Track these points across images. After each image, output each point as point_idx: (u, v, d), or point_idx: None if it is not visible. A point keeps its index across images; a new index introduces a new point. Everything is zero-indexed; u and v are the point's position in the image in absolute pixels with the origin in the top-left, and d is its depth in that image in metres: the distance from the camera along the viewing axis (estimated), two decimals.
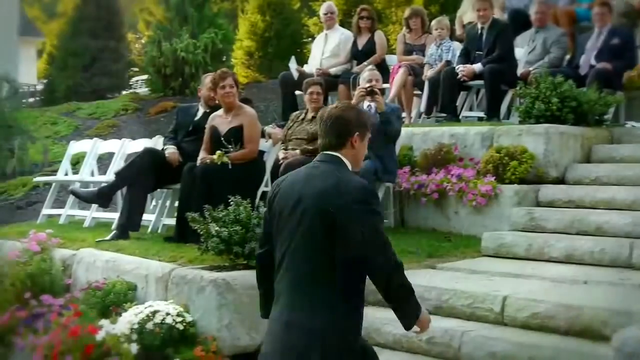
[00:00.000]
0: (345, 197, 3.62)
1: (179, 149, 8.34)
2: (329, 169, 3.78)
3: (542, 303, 5.21)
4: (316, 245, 3.63)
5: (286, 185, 3.85)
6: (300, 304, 3.63)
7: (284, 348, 3.64)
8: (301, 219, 3.66)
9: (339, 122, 3.88)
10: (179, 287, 6.06)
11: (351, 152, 3.87)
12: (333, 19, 11.75)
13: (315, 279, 3.63)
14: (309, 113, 9.14)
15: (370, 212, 3.66)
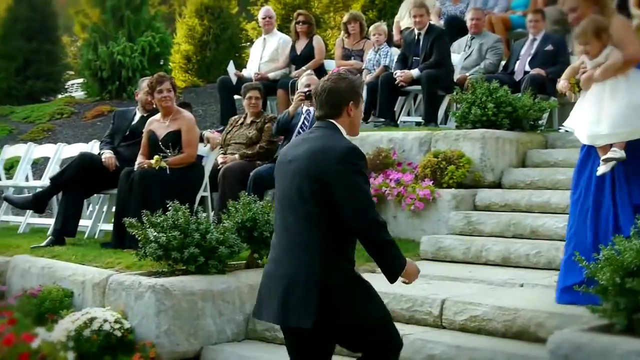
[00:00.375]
0: (331, 158, 3.89)
1: (116, 153, 8.25)
2: (321, 134, 4.06)
3: (479, 306, 5.27)
4: (304, 203, 3.90)
5: (283, 152, 4.22)
6: (287, 257, 3.95)
7: (267, 295, 4.00)
8: (292, 179, 3.97)
9: (333, 93, 4.09)
10: (117, 293, 5.99)
11: (347, 120, 4.12)
12: (271, 24, 11.76)
13: (302, 235, 3.91)
14: (247, 117, 9.14)
15: (354, 172, 3.89)
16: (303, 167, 3.95)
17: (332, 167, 3.87)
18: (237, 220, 6.17)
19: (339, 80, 4.13)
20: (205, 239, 5.92)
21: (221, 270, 6.07)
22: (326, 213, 3.88)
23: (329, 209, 3.87)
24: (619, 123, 4.98)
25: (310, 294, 3.82)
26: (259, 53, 11.59)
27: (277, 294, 3.92)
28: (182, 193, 7.16)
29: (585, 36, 4.98)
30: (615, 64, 4.97)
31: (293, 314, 3.86)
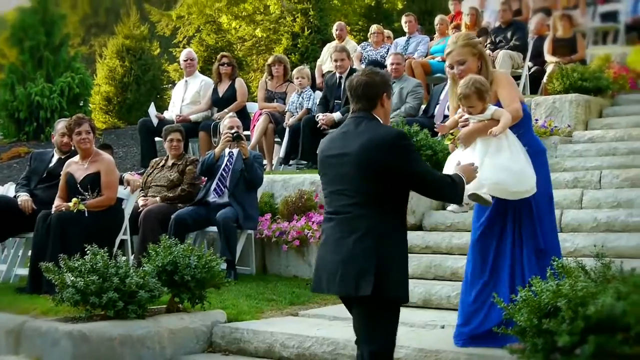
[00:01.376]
0: (387, 145, 4.26)
1: (33, 196, 8.09)
2: (367, 126, 4.37)
3: (402, 348, 5.27)
4: (363, 189, 4.28)
5: (326, 146, 4.52)
6: (350, 233, 4.28)
7: (333, 270, 4.31)
8: (350, 169, 4.31)
9: (369, 86, 4.42)
10: (32, 340, 5.82)
11: (382, 110, 4.48)
12: (193, 66, 11.74)
13: (362, 217, 4.28)
14: (169, 160, 9.07)
15: (412, 152, 4.35)
16: (362, 157, 4.28)
17: (392, 153, 4.26)
18: (157, 263, 6.08)
19: (373, 75, 4.48)
20: (124, 283, 5.81)
21: (141, 315, 5.96)
22: (384, 195, 4.28)
23: (387, 191, 4.28)
24: (496, 184, 5.07)
25: (368, 266, 4.20)
26: (181, 95, 11.55)
27: (345, 269, 4.25)
28: (101, 236, 7.06)
29: (469, 99, 5.10)
30: (508, 122, 5.10)
31: (353, 283, 4.23)
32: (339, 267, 4.27)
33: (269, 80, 11.44)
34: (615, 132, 9.61)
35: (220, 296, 6.90)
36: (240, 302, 6.95)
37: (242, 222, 8.18)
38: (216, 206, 8.32)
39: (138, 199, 8.55)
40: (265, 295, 7.32)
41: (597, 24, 15.01)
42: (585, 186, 8.32)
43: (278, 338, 5.81)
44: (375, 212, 4.27)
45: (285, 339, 5.78)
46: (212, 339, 6.19)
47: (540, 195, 5.28)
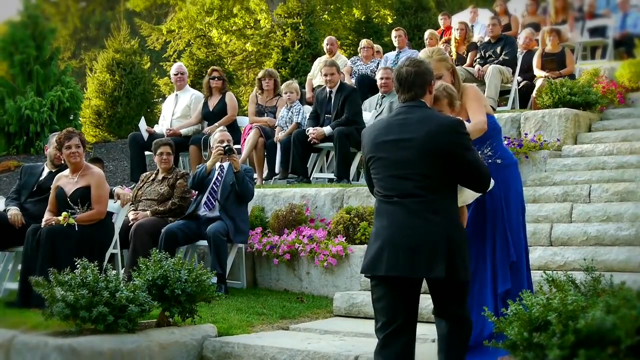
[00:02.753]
0: (447, 132, 4.49)
1: (23, 209, 8.07)
2: (424, 113, 4.60)
3: None
4: (427, 173, 4.46)
5: (380, 133, 4.63)
6: (418, 214, 4.44)
7: (394, 252, 4.43)
8: (412, 153, 4.47)
9: (419, 75, 4.66)
10: (22, 354, 5.78)
11: (429, 97, 4.74)
12: (183, 80, 11.76)
13: (426, 201, 4.45)
14: (159, 173, 9.06)
15: (469, 140, 4.60)
16: (430, 143, 4.46)
17: (456, 139, 4.49)
18: (147, 277, 6.07)
19: (419, 63, 4.72)
20: (114, 297, 5.79)
21: (131, 329, 5.93)
22: (446, 180, 4.50)
23: (448, 176, 4.49)
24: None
25: (441, 248, 4.37)
26: (171, 109, 11.55)
27: (410, 246, 4.40)
28: (91, 250, 7.06)
29: (440, 103, 5.14)
30: (475, 131, 5.20)
31: (425, 266, 4.38)
32: (409, 249, 4.40)
33: (260, 94, 11.46)
34: (604, 146, 9.66)
35: (210, 310, 6.89)
36: (231, 316, 6.95)
37: (232, 236, 8.18)
38: (206, 220, 8.32)
39: (128, 213, 8.54)
40: (255, 309, 7.32)
41: (586, 38, 15.11)
42: (575, 200, 8.35)
43: (269, 352, 5.80)
44: (441, 197, 4.48)
45: (276, 352, 5.78)
46: (203, 353, 6.18)
47: (513, 208, 5.37)
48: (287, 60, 18.75)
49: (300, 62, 18.48)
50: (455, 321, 4.59)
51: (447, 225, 4.44)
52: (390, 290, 4.50)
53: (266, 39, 23.19)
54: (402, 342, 4.50)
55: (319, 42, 17.94)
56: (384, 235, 4.50)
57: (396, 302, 4.50)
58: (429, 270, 4.39)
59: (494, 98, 11.67)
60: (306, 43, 19.11)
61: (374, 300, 4.59)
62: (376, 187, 4.64)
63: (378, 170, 4.62)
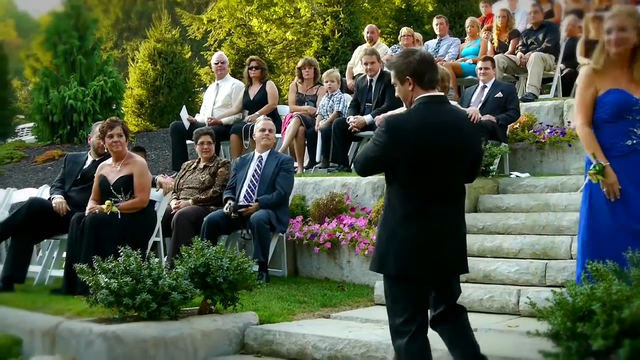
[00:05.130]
0: (477, 130, 4.81)
1: (67, 198, 8.16)
2: (456, 109, 4.73)
3: (434, 351, 5.22)
4: (461, 167, 4.57)
5: (430, 133, 4.45)
6: (452, 216, 4.59)
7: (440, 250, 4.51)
8: (457, 146, 4.49)
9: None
10: (67, 340, 5.86)
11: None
12: (224, 69, 11.79)
13: (456, 195, 4.62)
14: (200, 162, 9.12)
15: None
16: (467, 144, 4.56)
17: (478, 135, 4.73)
18: (190, 265, 6.12)
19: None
20: (157, 284, 5.84)
21: (174, 317, 5.99)
22: (463, 173, 4.62)
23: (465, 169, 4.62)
24: None
25: (465, 246, 4.67)
26: (212, 98, 11.60)
27: (453, 247, 4.58)
28: (134, 238, 7.11)
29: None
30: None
31: (461, 264, 4.65)
32: (456, 250, 4.59)
33: (300, 83, 11.46)
34: None
35: (252, 298, 6.93)
36: (272, 304, 6.97)
37: (275, 224, 8.20)
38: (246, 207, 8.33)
39: (170, 201, 8.61)
40: (296, 297, 7.34)
41: None
42: None
43: (310, 340, 5.82)
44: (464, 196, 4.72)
45: (317, 341, 5.79)
46: (245, 341, 6.22)
47: None
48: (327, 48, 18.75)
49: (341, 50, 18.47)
50: (461, 307, 4.82)
51: (463, 223, 4.74)
52: (425, 289, 4.59)
53: (306, 28, 23.17)
54: (426, 333, 4.59)
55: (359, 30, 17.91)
56: (430, 238, 4.49)
57: (426, 299, 4.62)
58: (462, 268, 4.66)
59: (537, 86, 11.55)
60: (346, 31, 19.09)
61: (412, 298, 4.53)
62: (407, 187, 4.47)
63: (425, 171, 4.45)
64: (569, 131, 9.66)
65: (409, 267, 4.47)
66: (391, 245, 4.48)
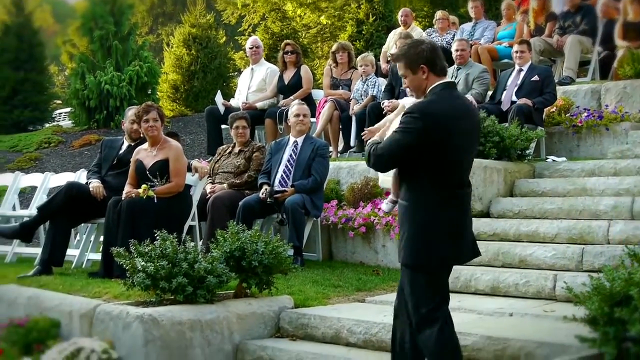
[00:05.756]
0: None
1: (104, 182, 8.22)
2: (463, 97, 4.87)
3: (469, 336, 5.25)
4: (475, 152, 4.80)
5: (458, 119, 4.50)
6: (470, 199, 4.77)
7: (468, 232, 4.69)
8: (472, 146, 4.69)
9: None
10: (104, 323, 5.94)
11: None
12: (259, 53, 11.80)
13: (469, 179, 4.74)
14: (236, 147, 9.14)
15: None
16: (476, 120, 4.77)
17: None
18: (225, 249, 6.15)
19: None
20: (193, 268, 5.89)
21: (209, 300, 6.03)
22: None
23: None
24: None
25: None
26: (247, 83, 11.63)
27: (471, 236, 4.73)
28: (170, 222, 7.16)
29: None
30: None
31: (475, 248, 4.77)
32: (470, 234, 4.70)
33: (334, 68, 11.44)
34: None
35: (287, 282, 6.95)
36: (307, 288, 6.99)
37: (309, 209, 8.21)
38: (282, 192, 8.34)
39: (206, 186, 8.65)
40: (331, 281, 7.36)
41: None
42: None
43: (345, 324, 5.83)
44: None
45: (352, 324, 5.80)
46: (280, 324, 6.25)
47: None
48: (362, 32, 18.69)
49: (375, 34, 18.39)
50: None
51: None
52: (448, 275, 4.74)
53: (340, 12, 23.10)
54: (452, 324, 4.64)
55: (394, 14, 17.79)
56: (466, 222, 4.64)
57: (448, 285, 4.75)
58: (478, 251, 4.81)
59: (574, 69, 11.42)
60: (381, 15, 19.00)
61: (441, 284, 4.60)
62: (438, 173, 4.48)
63: (455, 154, 4.51)
64: (607, 115, 9.55)
65: (451, 254, 4.55)
66: (430, 236, 4.48)
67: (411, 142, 4.41)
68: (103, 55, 18.73)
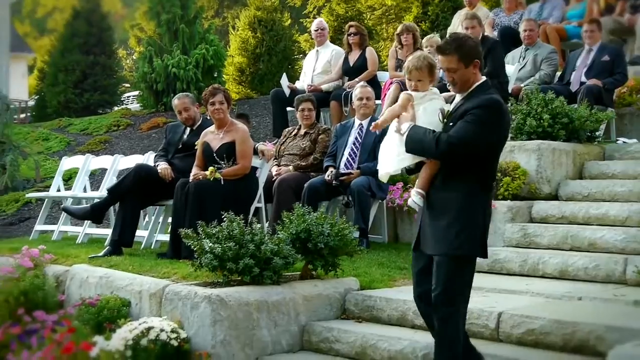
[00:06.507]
0: None
1: (171, 165, 8.32)
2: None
3: (537, 319, 5.20)
4: None
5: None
6: None
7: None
8: None
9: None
10: (173, 303, 6.03)
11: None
12: (324, 35, 11.79)
13: None
14: (301, 129, 9.17)
15: None
16: None
17: None
18: (291, 231, 6.19)
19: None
20: (260, 249, 5.94)
21: (276, 281, 6.09)
22: None
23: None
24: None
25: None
26: (312, 65, 11.63)
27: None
28: (236, 204, 7.22)
29: (420, 71, 4.90)
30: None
31: None
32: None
33: (399, 49, 11.37)
34: None
35: (352, 264, 6.96)
36: (373, 270, 7.00)
37: (375, 191, 8.21)
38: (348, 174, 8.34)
39: (271, 168, 8.70)
40: (397, 263, 7.34)
41: None
42: None
43: (411, 306, 5.80)
44: None
45: None
46: (346, 306, 6.27)
47: None
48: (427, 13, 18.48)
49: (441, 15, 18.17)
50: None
51: None
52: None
53: None
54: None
55: None
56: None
57: None
58: None
59: None
60: None
61: (470, 278, 4.72)
62: (488, 164, 4.64)
63: (502, 149, 4.74)
64: None
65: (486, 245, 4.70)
66: (481, 228, 4.61)
67: (489, 135, 4.48)
68: (170, 39, 18.93)
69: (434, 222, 4.65)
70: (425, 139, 4.59)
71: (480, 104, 4.50)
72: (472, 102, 4.58)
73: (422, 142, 4.60)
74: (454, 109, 4.71)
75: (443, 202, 4.59)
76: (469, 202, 4.54)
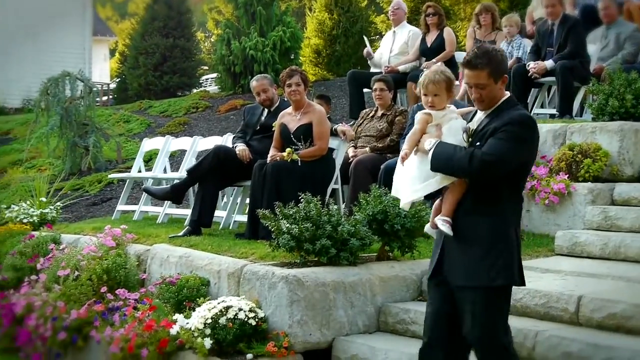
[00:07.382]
0: None
1: (248, 146, 8.40)
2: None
3: (618, 303, 5.12)
4: None
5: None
6: None
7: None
8: None
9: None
10: (251, 283, 6.12)
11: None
12: (401, 16, 11.72)
13: None
14: (378, 110, 9.15)
15: None
16: None
17: None
18: (368, 212, 6.20)
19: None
20: (336, 231, 5.97)
21: (352, 262, 6.11)
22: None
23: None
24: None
25: None
26: (389, 46, 11.58)
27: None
28: (313, 185, 7.24)
29: (438, 85, 4.56)
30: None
31: None
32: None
33: (477, 29, 11.23)
34: None
35: (429, 246, 6.88)
36: None
37: None
38: None
39: (348, 149, 8.71)
40: None
41: None
42: None
43: None
44: None
45: None
46: (422, 288, 6.26)
47: None
48: None
49: None
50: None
51: None
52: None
53: None
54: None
55: None
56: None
57: None
58: None
59: None
60: None
61: (507, 310, 4.47)
62: (517, 185, 4.42)
63: (531, 169, 4.78)
64: None
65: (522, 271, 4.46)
66: (517, 253, 4.36)
67: (522, 152, 4.29)
68: (247, 21, 19.08)
69: (465, 250, 4.34)
70: (456, 155, 4.27)
71: (512, 121, 4.23)
72: (501, 118, 4.27)
73: (451, 160, 4.27)
74: (479, 127, 4.38)
75: (473, 228, 4.30)
76: (503, 227, 4.29)
